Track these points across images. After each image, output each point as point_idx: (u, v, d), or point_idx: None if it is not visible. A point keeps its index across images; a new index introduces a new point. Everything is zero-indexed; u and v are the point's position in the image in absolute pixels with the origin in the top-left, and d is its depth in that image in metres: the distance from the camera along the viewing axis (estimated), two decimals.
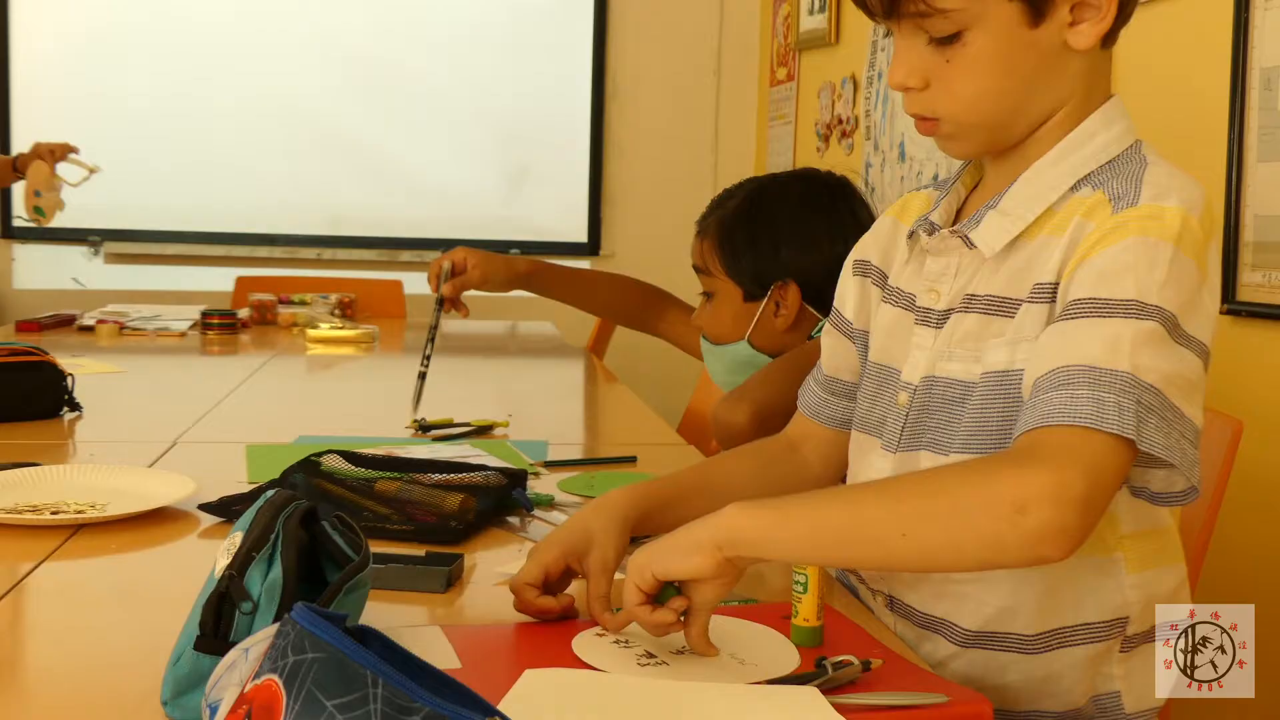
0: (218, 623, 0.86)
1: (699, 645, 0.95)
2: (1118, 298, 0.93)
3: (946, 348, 1.08)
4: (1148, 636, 1.08)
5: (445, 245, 4.79)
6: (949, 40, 1.01)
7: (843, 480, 1.32)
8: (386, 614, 1.07)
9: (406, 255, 4.85)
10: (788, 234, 1.74)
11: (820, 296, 1.72)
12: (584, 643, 1.00)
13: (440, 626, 1.03)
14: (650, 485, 1.19)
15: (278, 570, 0.88)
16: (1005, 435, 1.01)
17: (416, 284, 4.66)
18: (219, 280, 4.51)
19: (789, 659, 0.98)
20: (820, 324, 1.74)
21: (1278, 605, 1.95)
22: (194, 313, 3.59)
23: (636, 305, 1.97)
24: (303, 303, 3.96)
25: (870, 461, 1.16)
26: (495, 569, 1.24)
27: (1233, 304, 2.11)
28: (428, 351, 2.00)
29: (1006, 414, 1.02)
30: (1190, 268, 0.96)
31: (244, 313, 3.70)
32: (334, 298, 3.99)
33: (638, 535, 1.11)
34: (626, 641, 1.01)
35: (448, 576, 1.18)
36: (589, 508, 1.12)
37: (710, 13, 4.92)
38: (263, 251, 4.77)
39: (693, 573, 0.92)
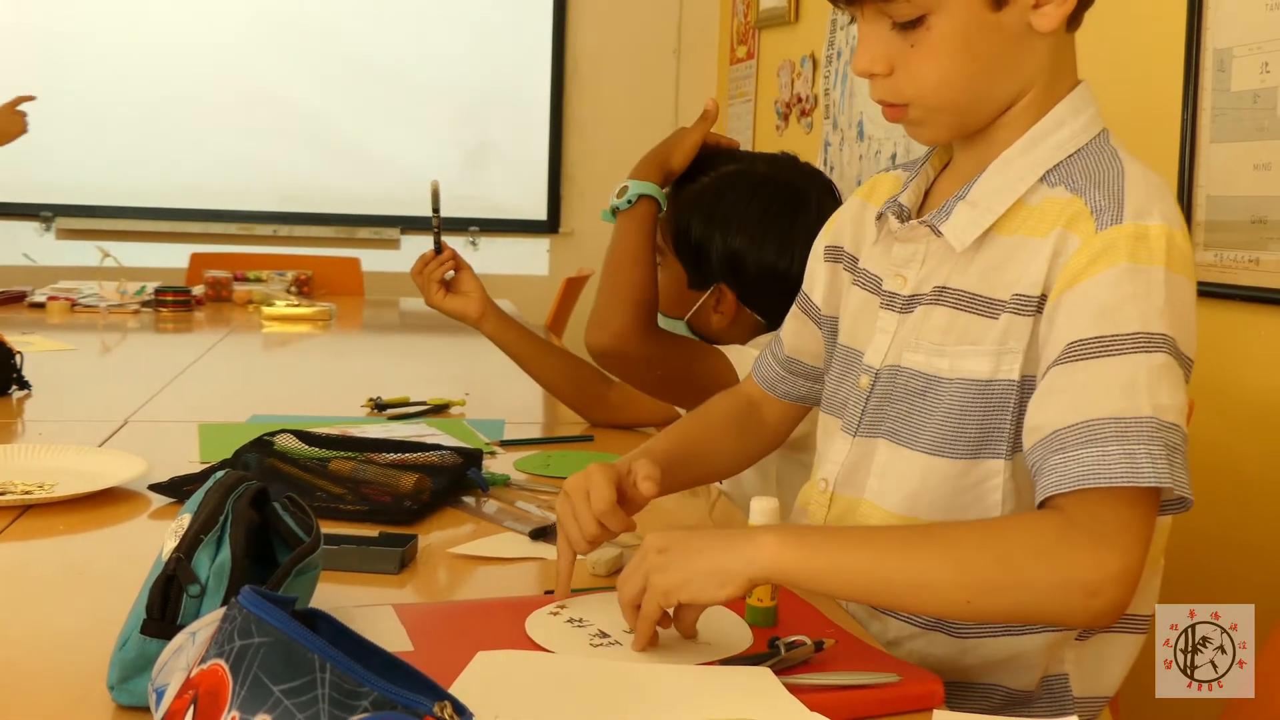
0: (165, 606, 0.85)
1: (687, 635, 0.96)
2: (1124, 332, 0.94)
3: (912, 337, 1.08)
4: (1107, 628, 1.09)
5: (403, 223, 4.80)
6: (912, 25, 1.00)
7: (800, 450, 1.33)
8: (339, 595, 1.07)
9: (364, 232, 4.81)
10: (741, 238, 1.68)
11: (762, 300, 1.71)
12: (537, 623, 1.00)
13: (393, 607, 1.02)
14: (634, 457, 1.17)
15: (226, 552, 0.86)
16: (982, 443, 1.03)
17: (374, 261, 4.64)
18: (173, 257, 4.46)
19: (742, 638, 0.98)
20: (761, 328, 1.73)
21: (1227, 578, 1.98)
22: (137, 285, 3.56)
23: (576, 397, 1.94)
24: (258, 280, 3.92)
25: (832, 442, 1.16)
26: (449, 549, 1.24)
27: None
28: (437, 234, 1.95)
29: (985, 422, 1.03)
30: (1183, 285, 0.97)
31: (198, 290, 3.66)
32: (290, 275, 3.95)
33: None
34: (580, 621, 1.01)
35: (401, 557, 1.17)
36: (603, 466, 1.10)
37: None
38: (218, 228, 4.72)
39: (724, 602, 0.93)
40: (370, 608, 1.03)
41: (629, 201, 1.68)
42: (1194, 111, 2.11)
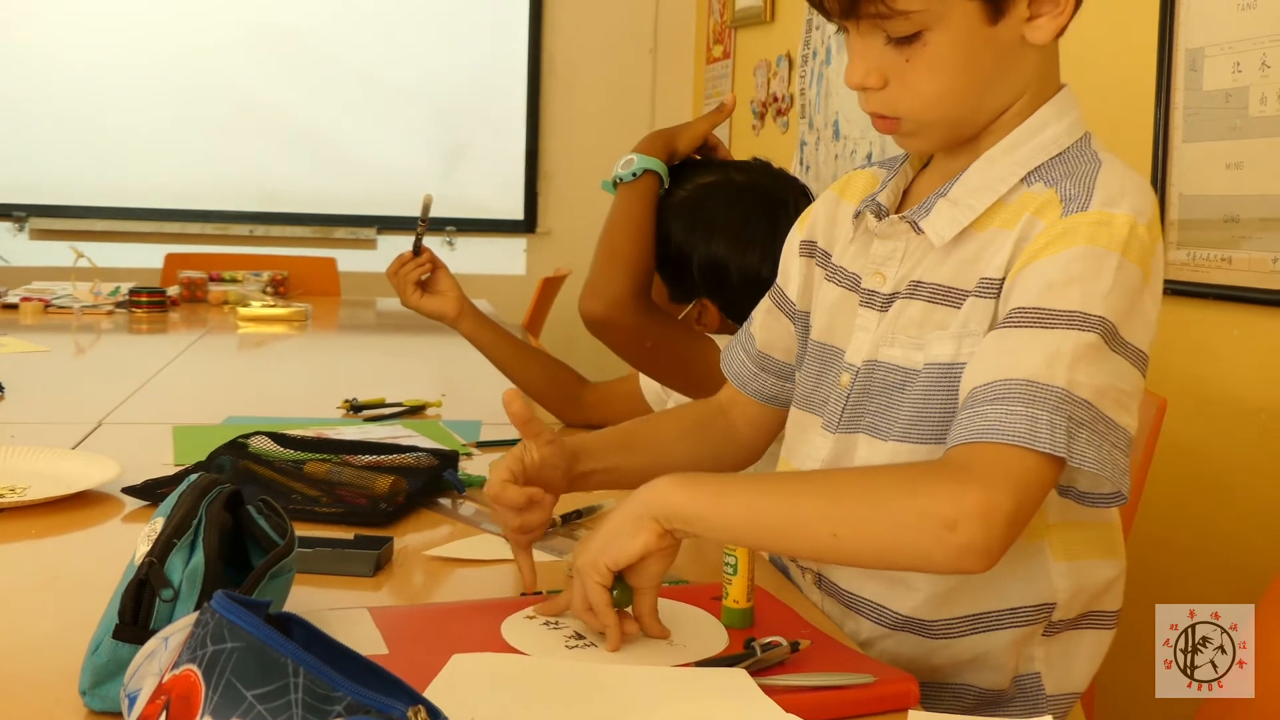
0: (137, 610, 0.84)
1: (651, 625, 0.97)
2: (1061, 308, 0.94)
3: (890, 333, 1.08)
4: (1074, 624, 1.10)
5: (380, 223, 4.79)
6: (908, 40, 1.00)
7: (771, 455, 1.33)
8: (314, 598, 1.06)
9: (340, 232, 4.80)
10: (724, 246, 1.68)
11: (746, 310, 1.70)
12: (513, 626, 1.00)
13: (368, 610, 1.02)
14: (584, 434, 1.22)
15: (199, 556, 0.86)
16: (946, 426, 1.02)
17: (350, 261, 4.63)
18: (148, 257, 4.44)
19: (718, 639, 0.98)
20: None
21: (1198, 575, 2.00)
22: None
23: (552, 397, 1.94)
24: (234, 280, 3.91)
25: (810, 439, 1.16)
26: (425, 552, 1.23)
27: None
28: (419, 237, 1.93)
29: (949, 406, 1.02)
30: (1134, 275, 0.97)
31: (173, 290, 3.64)
32: (266, 275, 3.94)
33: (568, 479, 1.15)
34: (555, 623, 1.01)
35: (377, 560, 1.17)
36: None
37: None
38: (193, 228, 4.70)
39: (642, 550, 0.93)
40: (345, 610, 1.02)
41: (634, 174, 1.67)
42: (1166, 111, 2.12)
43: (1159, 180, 2.12)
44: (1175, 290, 2.09)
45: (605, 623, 0.94)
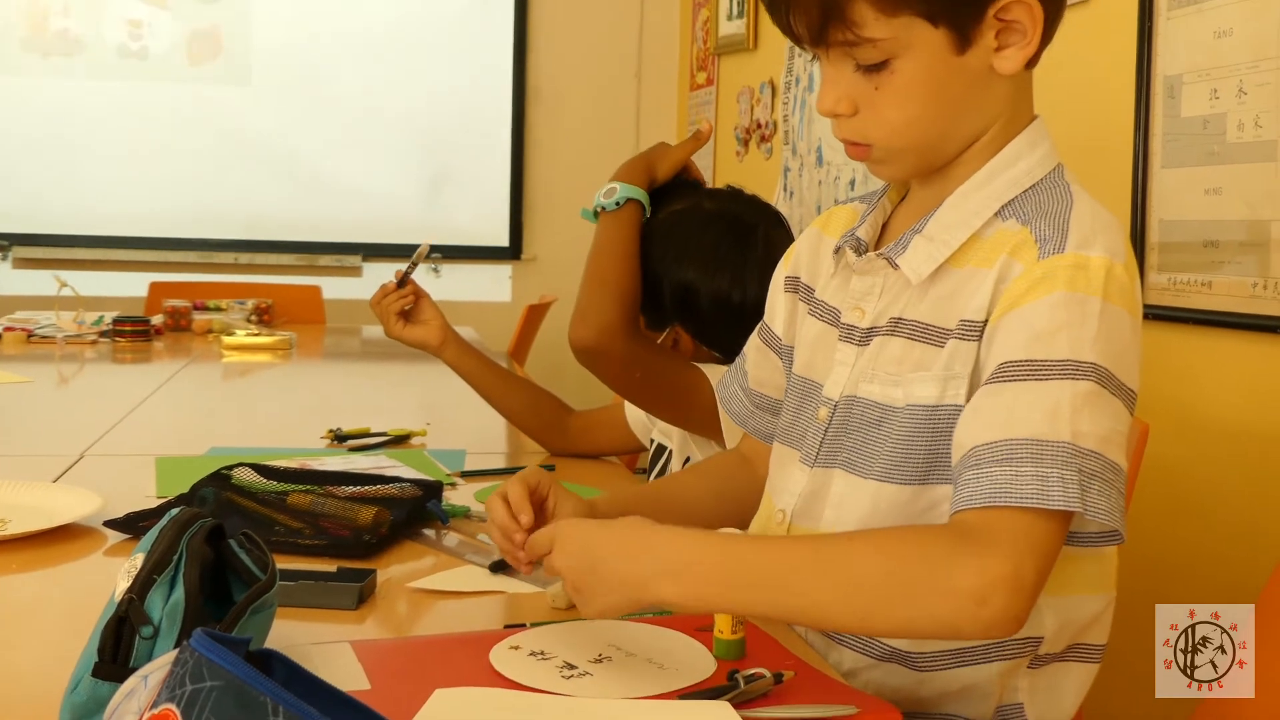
0: (117, 648, 0.84)
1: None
2: (1053, 358, 0.94)
3: (869, 368, 1.09)
4: (1060, 657, 1.09)
5: (365, 250, 4.79)
6: (877, 68, 1.01)
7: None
8: (296, 632, 1.06)
9: (325, 260, 4.80)
10: (693, 271, 1.68)
11: (719, 335, 1.70)
12: (501, 656, 0.99)
13: (350, 644, 1.02)
14: (607, 496, 1.22)
15: (180, 593, 0.86)
16: (930, 468, 1.03)
17: (335, 289, 4.62)
18: (132, 286, 4.43)
19: (706, 666, 0.98)
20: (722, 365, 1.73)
21: (1183, 596, 1.99)
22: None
23: (536, 425, 1.94)
24: (218, 309, 3.90)
25: (789, 474, 1.16)
26: (408, 584, 1.23)
27: None
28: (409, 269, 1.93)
29: (933, 447, 1.03)
30: (1119, 317, 0.97)
31: (157, 319, 3.63)
32: (250, 304, 3.93)
33: None
34: (542, 654, 1.00)
35: (359, 592, 1.16)
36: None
37: (630, 16, 4.93)
38: (177, 256, 4.69)
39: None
40: (327, 645, 1.02)
41: (617, 203, 1.68)
42: (1145, 137, 2.14)
43: (1139, 205, 2.14)
44: (1156, 315, 2.10)
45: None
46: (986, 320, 1.01)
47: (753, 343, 1.32)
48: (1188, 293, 2.05)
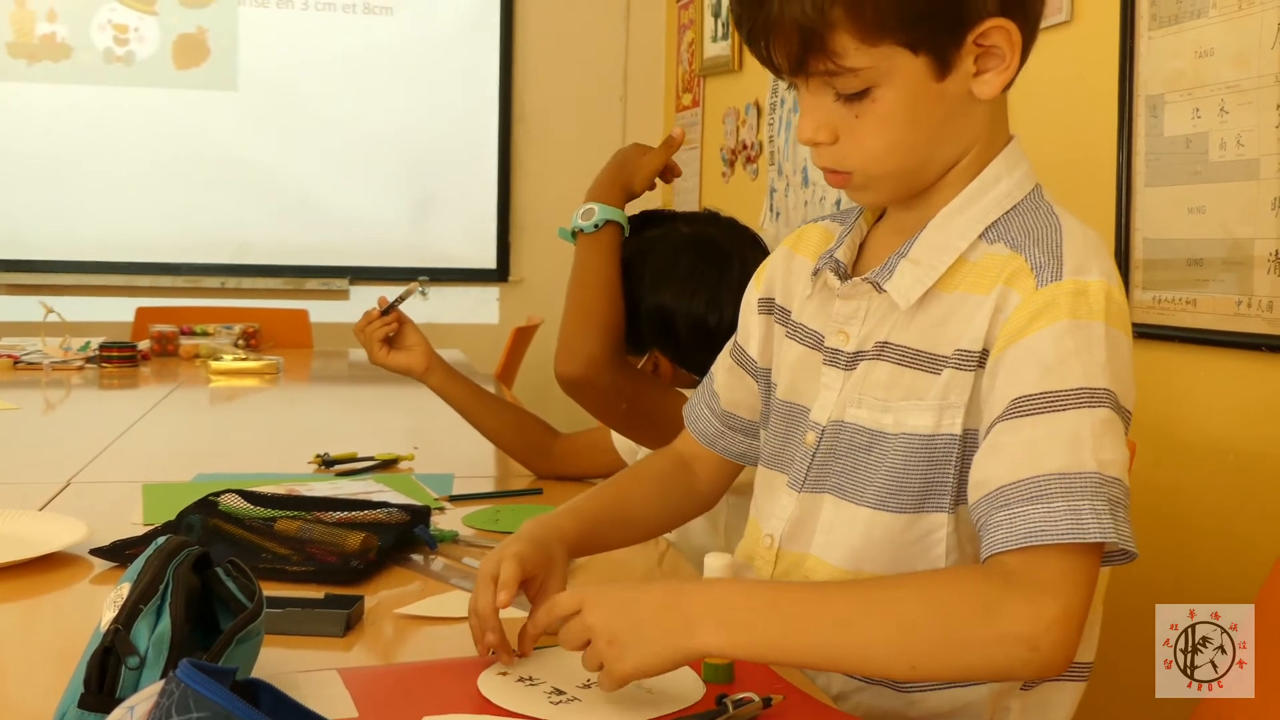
0: (103, 678, 0.83)
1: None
2: (1068, 388, 0.95)
3: (856, 393, 1.09)
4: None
5: (352, 273, 4.79)
6: (858, 96, 1.01)
7: (726, 495, 1.33)
8: (283, 660, 1.05)
9: (312, 283, 4.79)
10: (669, 294, 1.68)
11: (697, 358, 1.70)
12: (490, 682, 0.99)
13: (337, 671, 1.01)
14: (574, 521, 1.19)
15: (166, 622, 0.85)
16: (925, 497, 1.03)
17: (322, 312, 4.62)
18: (119, 311, 4.42)
19: (695, 690, 0.98)
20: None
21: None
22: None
23: (521, 449, 1.94)
24: (205, 333, 3.89)
25: (776, 498, 1.16)
26: (396, 610, 1.23)
27: None
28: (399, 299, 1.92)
29: (928, 476, 1.03)
30: (1121, 340, 0.99)
31: (144, 345, 3.62)
32: (237, 328, 3.93)
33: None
34: (531, 679, 1.00)
35: (347, 619, 1.16)
36: (534, 533, 1.12)
37: (616, 39, 4.95)
38: (164, 281, 4.68)
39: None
40: (314, 672, 1.01)
41: (595, 225, 1.67)
42: (1129, 156, 2.15)
43: (1123, 224, 2.15)
44: (1142, 333, 2.11)
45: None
46: (985, 350, 1.01)
47: (723, 363, 1.30)
48: (1173, 311, 2.06)
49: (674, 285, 1.68)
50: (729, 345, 1.30)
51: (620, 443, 1.88)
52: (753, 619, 0.94)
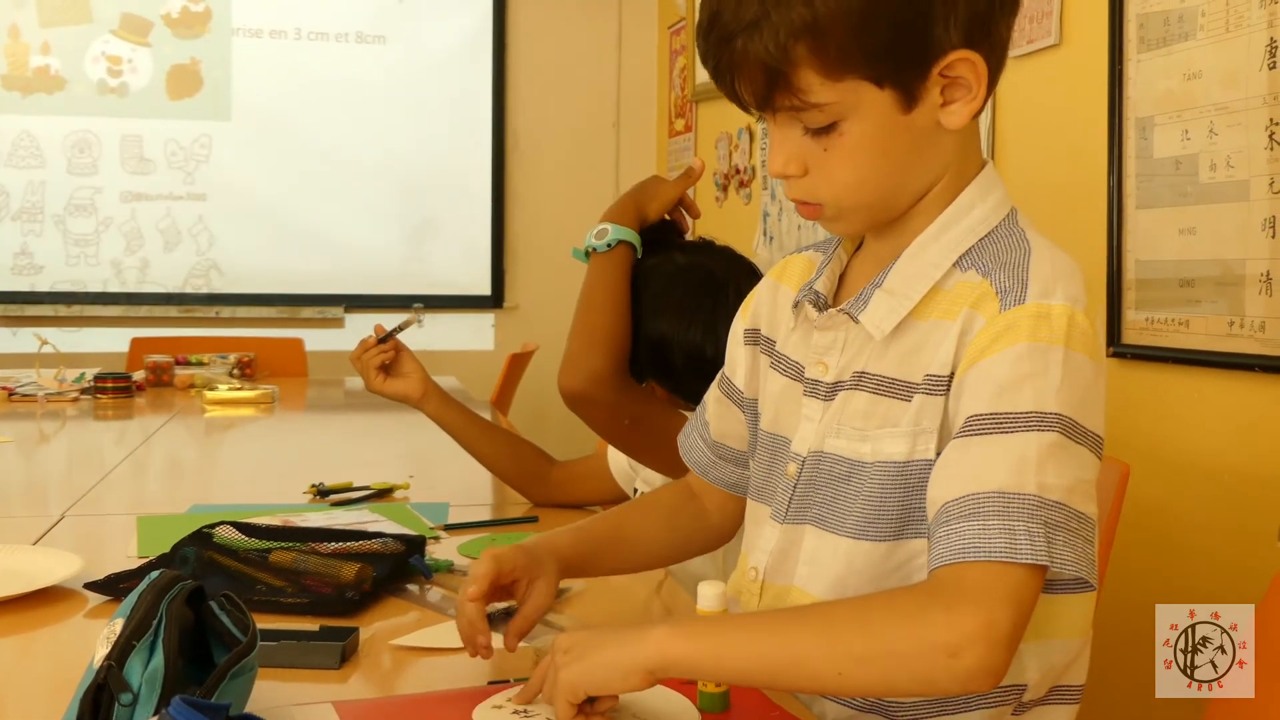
0: (96, 715, 0.83)
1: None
2: (1019, 410, 0.95)
3: (835, 423, 1.09)
4: (1042, 700, 1.09)
5: (347, 301, 4.79)
6: (825, 130, 1.01)
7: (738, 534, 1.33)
8: (278, 693, 1.05)
9: (307, 312, 4.80)
10: (666, 324, 1.68)
11: (694, 388, 1.70)
12: (485, 714, 0.99)
13: (333, 704, 1.01)
14: (572, 539, 1.21)
15: (159, 658, 0.85)
16: (904, 524, 1.03)
17: (317, 341, 4.62)
18: (113, 342, 4.42)
19: (689, 719, 0.97)
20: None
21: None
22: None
23: (518, 476, 1.94)
24: (200, 363, 3.89)
25: (761, 530, 1.16)
26: (391, 641, 1.22)
27: (1117, 346, 2.17)
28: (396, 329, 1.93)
29: (906, 503, 1.03)
30: (1082, 364, 0.98)
31: (139, 375, 3.62)
32: (232, 357, 3.93)
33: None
34: (527, 711, 1.00)
35: (342, 651, 1.16)
36: (525, 542, 1.16)
37: (608, 65, 4.97)
38: (159, 311, 4.69)
39: (628, 691, 0.94)
40: (309, 705, 1.01)
41: (608, 245, 1.68)
42: (1119, 178, 2.16)
43: (1115, 245, 2.16)
44: (1134, 354, 2.11)
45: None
46: (953, 374, 1.01)
47: (713, 394, 1.31)
48: (1165, 332, 2.07)
49: (670, 315, 1.68)
50: (719, 376, 1.30)
51: (617, 469, 1.88)
52: (703, 628, 0.97)
